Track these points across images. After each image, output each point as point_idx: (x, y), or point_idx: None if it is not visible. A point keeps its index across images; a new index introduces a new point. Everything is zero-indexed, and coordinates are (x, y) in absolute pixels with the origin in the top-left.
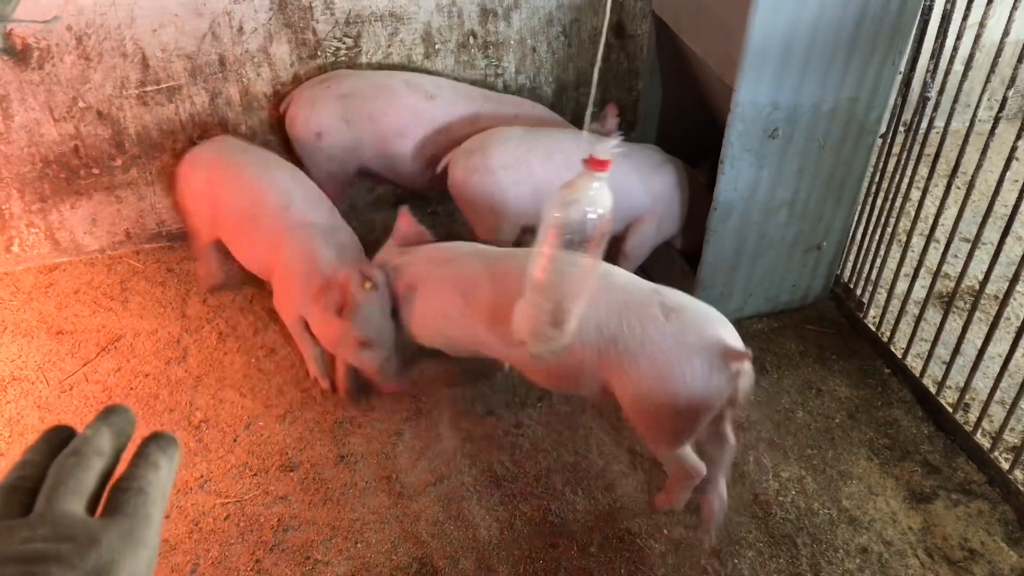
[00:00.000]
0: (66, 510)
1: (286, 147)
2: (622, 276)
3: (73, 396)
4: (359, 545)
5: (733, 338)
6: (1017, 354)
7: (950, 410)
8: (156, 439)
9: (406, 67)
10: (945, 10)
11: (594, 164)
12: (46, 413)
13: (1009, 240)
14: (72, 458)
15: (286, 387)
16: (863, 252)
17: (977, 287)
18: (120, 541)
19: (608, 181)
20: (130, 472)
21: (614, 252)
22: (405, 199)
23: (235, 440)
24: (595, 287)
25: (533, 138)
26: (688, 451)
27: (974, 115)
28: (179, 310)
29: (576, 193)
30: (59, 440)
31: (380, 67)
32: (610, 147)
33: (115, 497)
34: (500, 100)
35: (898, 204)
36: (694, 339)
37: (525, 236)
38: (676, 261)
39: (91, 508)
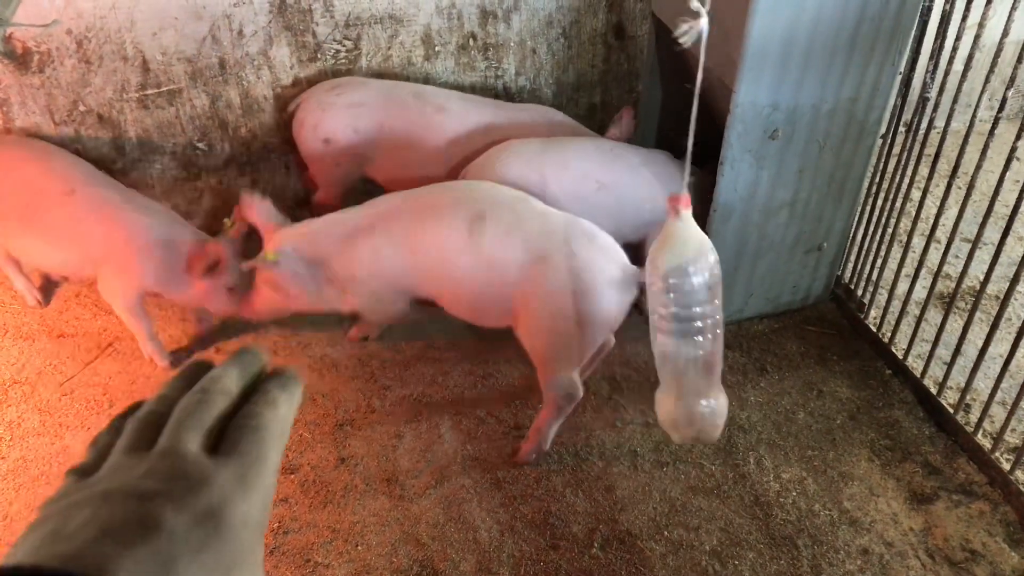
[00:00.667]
0: (184, 447)
1: (286, 150)
2: (539, 205)
3: (74, 399)
4: (359, 547)
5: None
6: (1018, 354)
7: (951, 411)
8: (277, 376)
9: (406, 69)
10: (944, 10)
11: (680, 202)
12: (47, 416)
13: (1010, 240)
14: (197, 395)
15: None
16: (864, 253)
17: (978, 287)
18: (233, 482)
19: (631, 188)
20: (248, 409)
21: (632, 258)
22: None
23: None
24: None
25: (547, 150)
26: (577, 372)
27: (974, 115)
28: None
29: (675, 246)
30: (196, 376)
31: (380, 70)
32: (686, 183)
33: (231, 436)
34: (514, 109)
35: (898, 204)
36: (608, 260)
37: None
38: None
39: (213, 446)
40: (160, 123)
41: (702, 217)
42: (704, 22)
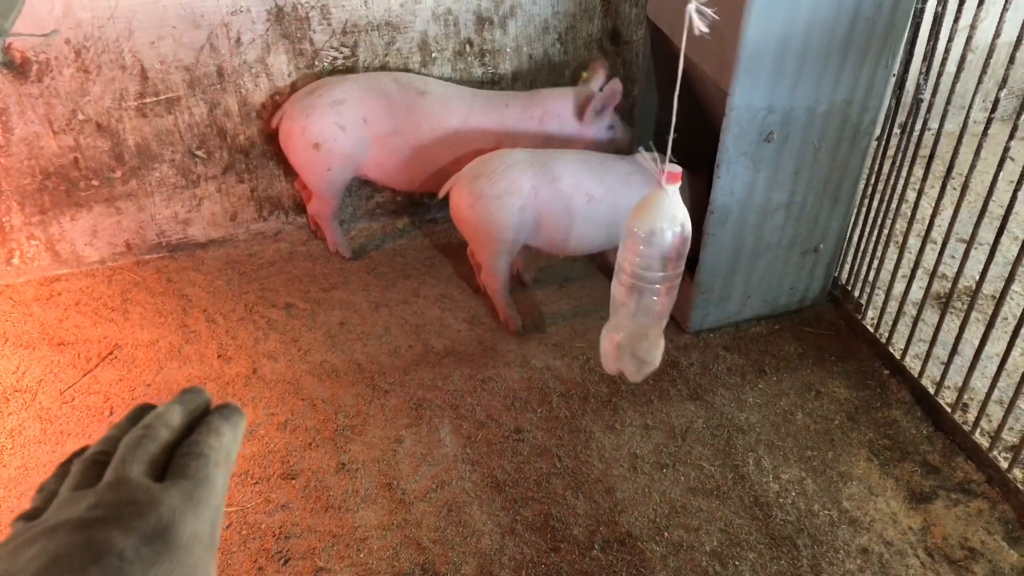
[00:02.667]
0: (130, 476)
1: (283, 157)
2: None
3: (74, 407)
4: (361, 552)
5: None
6: (1014, 353)
7: (949, 410)
8: (219, 409)
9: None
10: (937, 13)
11: (672, 178)
12: (48, 424)
13: (1005, 240)
14: (140, 430)
15: (287, 395)
16: (860, 254)
17: (974, 287)
18: (181, 502)
19: (624, 198)
20: (192, 438)
21: None
22: (404, 206)
23: None
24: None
25: (539, 161)
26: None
27: (967, 116)
28: (179, 320)
29: (653, 210)
30: (140, 417)
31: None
32: (650, 158)
33: (177, 462)
34: (489, 96)
35: (894, 205)
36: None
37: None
38: None
39: (158, 477)
40: (159, 131)
41: (699, 219)
42: (691, 6)
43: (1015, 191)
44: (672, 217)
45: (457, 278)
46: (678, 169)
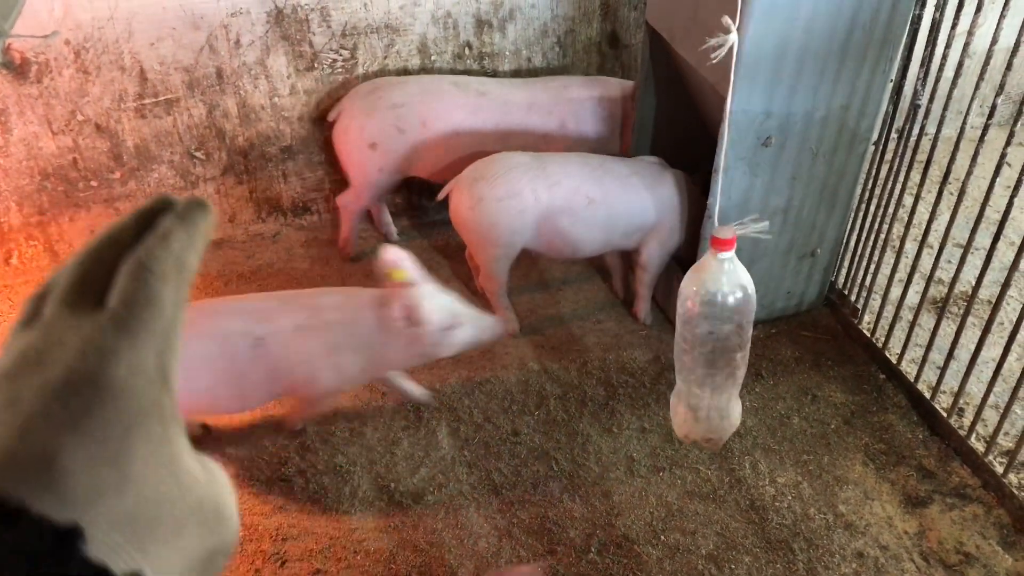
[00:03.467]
0: (59, 311)
1: (282, 158)
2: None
3: None
4: (358, 555)
5: None
6: (1010, 358)
7: (944, 415)
8: (175, 208)
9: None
10: (934, 19)
11: (717, 244)
12: None
13: (1001, 245)
14: (79, 255)
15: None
16: (857, 258)
17: (970, 292)
18: (111, 333)
19: (621, 200)
20: (134, 251)
21: (630, 265)
22: (403, 208)
23: (233, 451)
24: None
25: (540, 164)
26: None
27: (964, 121)
28: None
29: (708, 279)
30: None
31: (377, 77)
32: (733, 226)
33: (115, 283)
34: (545, 84)
35: (891, 210)
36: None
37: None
38: (674, 270)
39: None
40: (158, 132)
41: (696, 223)
42: (734, 36)
43: (1012, 196)
44: (729, 283)
45: (455, 280)
46: (731, 236)
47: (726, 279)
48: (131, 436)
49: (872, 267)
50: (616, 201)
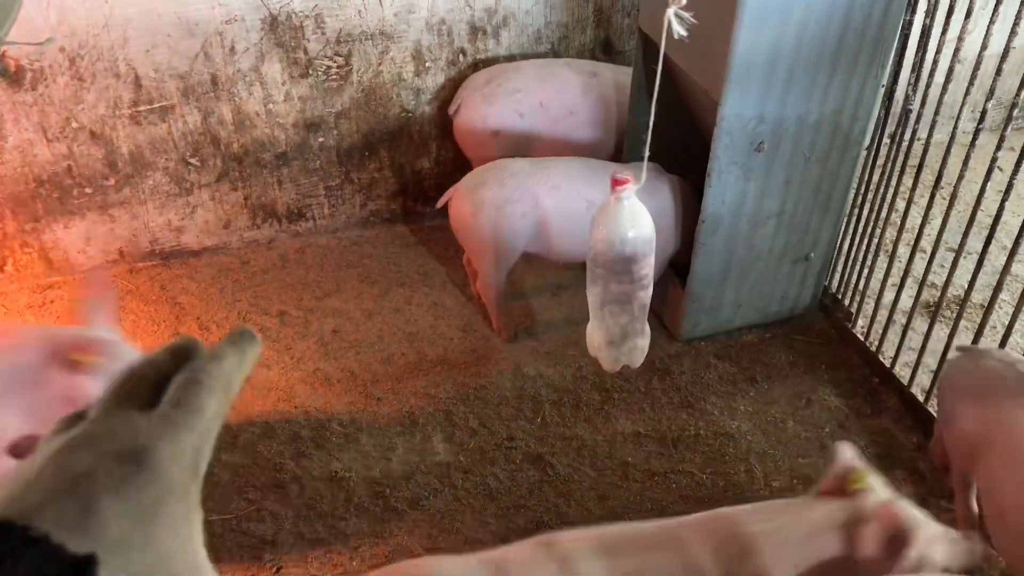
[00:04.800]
0: (114, 410)
1: (277, 165)
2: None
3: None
4: (354, 561)
5: None
6: None
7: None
8: (230, 335)
9: (396, 84)
10: (925, 25)
11: (616, 183)
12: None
13: (993, 248)
14: (131, 368)
15: (280, 403)
16: (850, 263)
17: (963, 296)
18: (159, 424)
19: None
20: (188, 365)
21: None
22: (399, 215)
23: (229, 456)
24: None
25: (539, 170)
26: None
27: (955, 126)
28: (172, 328)
29: (610, 216)
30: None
31: (371, 85)
32: (630, 166)
33: (168, 391)
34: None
35: (884, 215)
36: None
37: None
38: (668, 274)
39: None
40: (152, 139)
41: (690, 228)
42: (670, 11)
43: (1003, 200)
44: (630, 222)
45: (451, 286)
46: (627, 176)
47: (624, 217)
48: (160, 508)
49: (865, 271)
50: None
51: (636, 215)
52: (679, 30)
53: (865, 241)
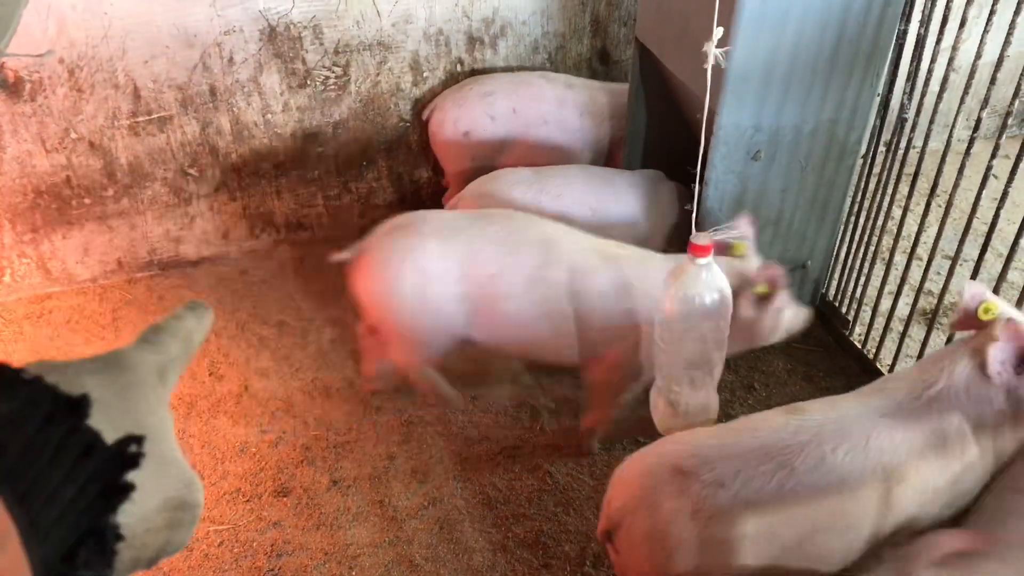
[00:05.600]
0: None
1: (275, 175)
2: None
3: None
4: (353, 570)
5: None
6: None
7: None
8: (188, 303)
9: (395, 94)
10: (919, 34)
11: (695, 250)
12: None
13: (989, 256)
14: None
15: (279, 412)
16: (847, 270)
17: (959, 303)
18: (131, 346)
19: (619, 212)
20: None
21: None
22: None
23: (228, 466)
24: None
25: (543, 178)
26: None
27: (950, 135)
28: None
29: (687, 283)
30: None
31: (370, 95)
32: (710, 233)
33: (142, 334)
34: (621, 90)
35: (880, 223)
36: None
37: None
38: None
39: None
40: (151, 150)
41: (688, 231)
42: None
43: (998, 208)
44: (704, 286)
45: None
46: (707, 242)
47: (704, 283)
48: (132, 390)
49: (862, 279)
50: (612, 212)
51: (715, 280)
52: (720, 62)
53: (862, 249)
